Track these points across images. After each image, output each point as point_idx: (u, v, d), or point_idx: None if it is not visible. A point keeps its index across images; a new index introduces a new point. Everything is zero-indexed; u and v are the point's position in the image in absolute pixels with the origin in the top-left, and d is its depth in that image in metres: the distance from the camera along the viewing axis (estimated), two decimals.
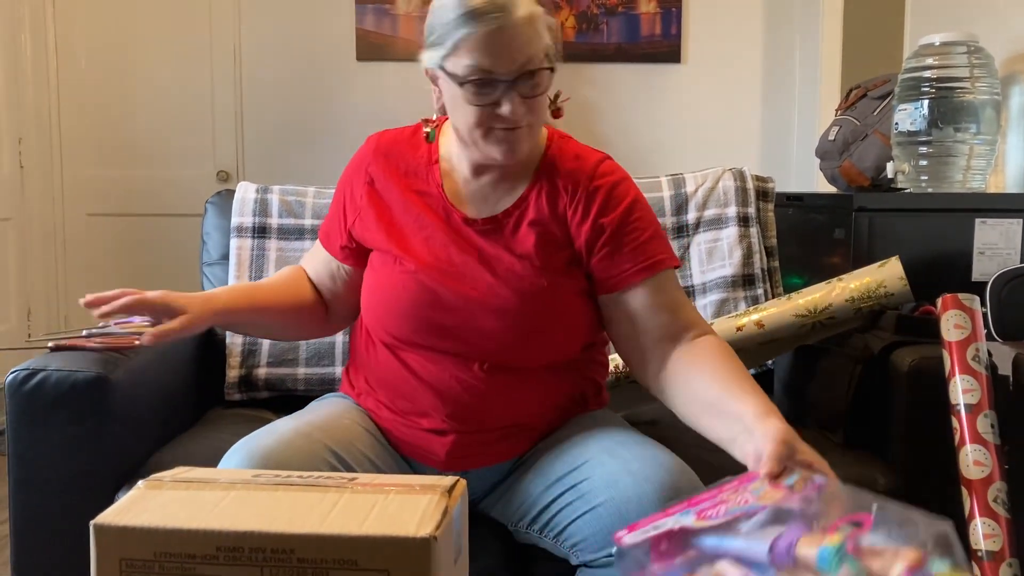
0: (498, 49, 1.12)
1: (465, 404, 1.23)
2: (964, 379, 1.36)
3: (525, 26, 1.13)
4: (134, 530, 0.73)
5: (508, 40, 1.12)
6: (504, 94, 1.15)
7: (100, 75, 4.01)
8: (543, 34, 1.17)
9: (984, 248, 1.93)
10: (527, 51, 1.14)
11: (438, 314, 1.22)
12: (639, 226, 1.26)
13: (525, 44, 1.14)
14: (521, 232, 1.26)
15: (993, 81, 2.07)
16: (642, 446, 1.17)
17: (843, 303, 1.59)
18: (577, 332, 1.27)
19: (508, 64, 1.13)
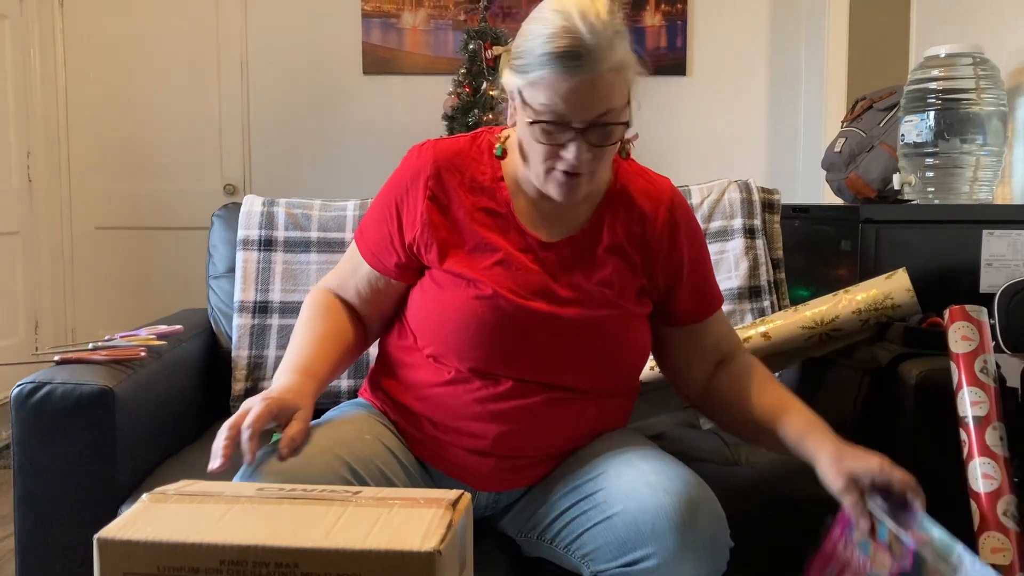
0: (576, 98, 1.09)
1: (515, 431, 1.19)
2: (972, 391, 1.35)
3: (610, 76, 1.09)
4: (138, 544, 0.73)
5: (589, 90, 1.09)
6: (573, 140, 1.12)
7: (108, 89, 4.03)
8: (627, 83, 1.14)
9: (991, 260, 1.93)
10: (606, 103, 1.11)
11: (513, 342, 1.19)
12: (704, 263, 1.32)
13: (605, 96, 1.10)
14: (599, 257, 1.23)
15: (999, 92, 2.07)
16: (660, 459, 1.16)
17: (850, 315, 1.58)
18: (640, 359, 1.29)
19: (584, 113, 1.10)
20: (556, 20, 1.09)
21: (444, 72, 3.76)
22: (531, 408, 1.19)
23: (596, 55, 1.07)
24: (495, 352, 1.19)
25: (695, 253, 1.29)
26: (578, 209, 1.25)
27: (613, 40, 1.09)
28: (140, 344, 1.59)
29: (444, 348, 1.21)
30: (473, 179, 1.25)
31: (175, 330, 1.74)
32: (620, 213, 1.25)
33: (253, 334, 1.79)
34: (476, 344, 1.19)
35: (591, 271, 1.22)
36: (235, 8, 3.99)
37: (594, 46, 1.07)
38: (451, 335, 1.20)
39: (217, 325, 1.88)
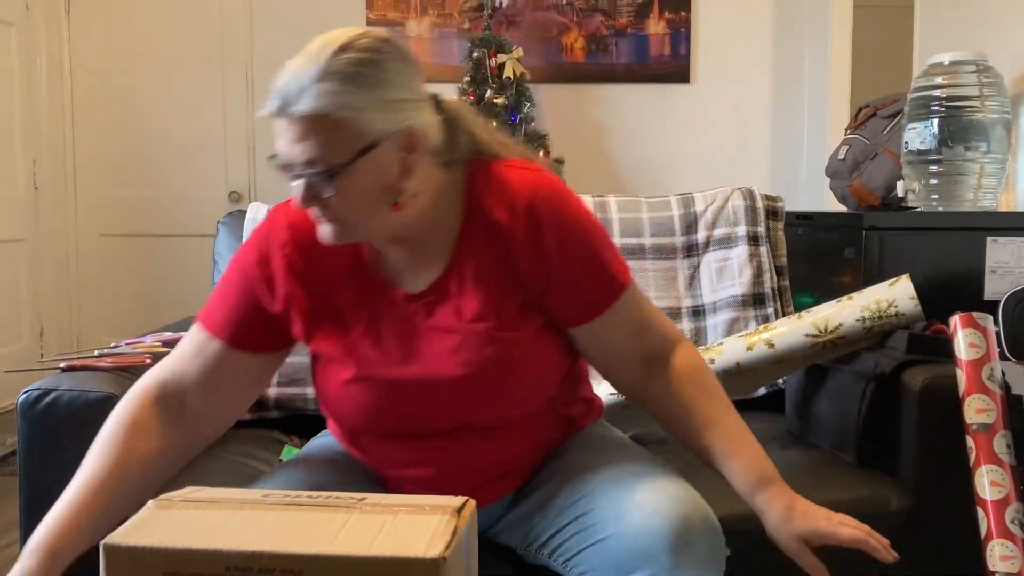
0: (282, 140, 1.04)
1: (448, 471, 1.17)
2: (979, 398, 1.35)
3: (303, 123, 1.01)
4: (144, 550, 0.73)
5: (289, 132, 1.03)
6: (297, 183, 1.05)
7: (114, 97, 4.05)
8: (341, 130, 1.01)
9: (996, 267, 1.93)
10: (305, 153, 1.02)
11: (402, 409, 1.14)
12: (586, 260, 1.15)
13: (301, 143, 1.02)
14: (467, 292, 1.14)
15: (1003, 100, 2.07)
16: (650, 474, 1.13)
17: (853, 323, 1.58)
18: (548, 374, 1.19)
19: (289, 158, 1.04)
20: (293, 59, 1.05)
21: (449, 80, 3.77)
22: (454, 451, 1.16)
23: (288, 97, 1.01)
24: (387, 421, 1.15)
25: (568, 249, 1.13)
26: (436, 248, 1.15)
27: (316, 86, 1.00)
28: (145, 351, 1.59)
29: (340, 425, 1.21)
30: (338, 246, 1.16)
31: (180, 337, 1.74)
32: (480, 235, 1.14)
33: None
34: (364, 421, 1.16)
35: (463, 309, 1.13)
36: (240, 16, 4.01)
37: (285, 87, 1.02)
38: (337, 415, 1.18)
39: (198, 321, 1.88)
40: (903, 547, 1.44)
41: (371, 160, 1.03)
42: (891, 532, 1.43)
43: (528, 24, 3.97)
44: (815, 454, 1.61)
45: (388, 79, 1.03)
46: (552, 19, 3.97)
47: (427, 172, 1.10)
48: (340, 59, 1.02)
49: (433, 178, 1.12)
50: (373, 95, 1.02)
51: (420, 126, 1.07)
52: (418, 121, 1.07)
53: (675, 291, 1.91)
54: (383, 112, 1.03)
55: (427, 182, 1.11)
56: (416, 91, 1.08)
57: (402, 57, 1.06)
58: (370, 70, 1.02)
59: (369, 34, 1.05)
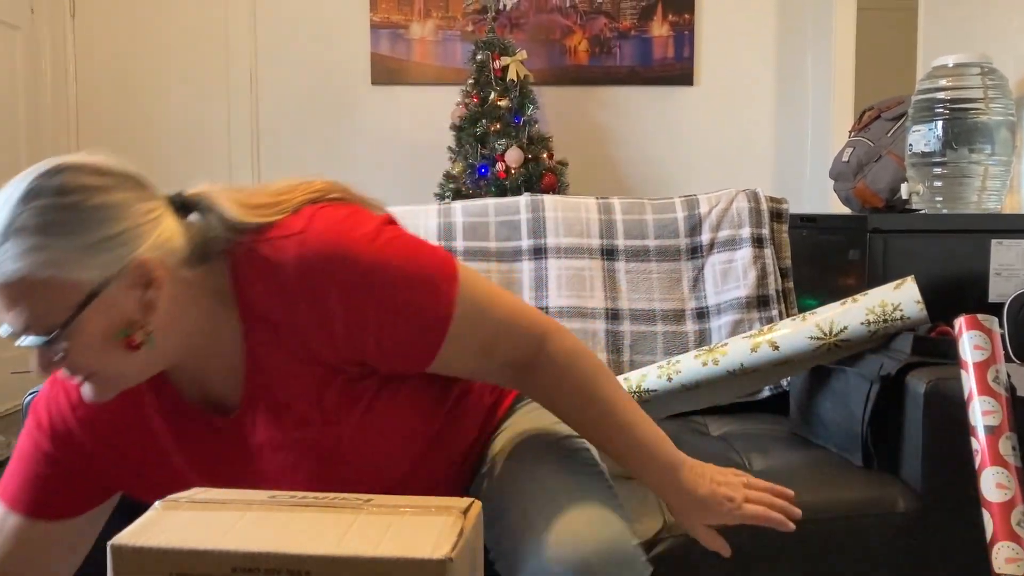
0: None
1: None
2: (985, 400, 1.35)
3: (7, 291, 0.88)
4: (151, 551, 0.74)
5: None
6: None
7: (118, 100, 4.06)
8: (45, 292, 0.87)
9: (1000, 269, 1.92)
10: (18, 319, 0.89)
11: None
12: (389, 300, 0.95)
13: (10, 311, 0.89)
14: (278, 399, 0.99)
15: (1007, 102, 2.07)
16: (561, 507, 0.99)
17: (858, 326, 1.58)
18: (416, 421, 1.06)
19: (4, 326, 0.90)
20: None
21: (452, 83, 3.78)
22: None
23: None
24: None
25: (362, 310, 0.94)
26: (223, 363, 1.00)
27: (5, 246, 0.87)
28: None
29: None
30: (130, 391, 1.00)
31: None
32: (264, 335, 0.98)
33: None
34: None
35: (282, 420, 1.00)
36: (244, 19, 4.02)
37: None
38: None
39: None
40: (908, 549, 1.44)
41: (97, 309, 0.89)
42: (896, 534, 1.43)
43: (532, 26, 3.97)
44: (820, 456, 1.61)
45: (89, 218, 0.89)
46: (556, 21, 3.98)
47: (177, 292, 0.94)
48: (25, 211, 0.87)
49: (188, 293, 0.95)
50: (75, 241, 0.88)
51: (152, 252, 0.91)
52: (146, 247, 0.91)
53: (679, 293, 1.91)
54: (94, 256, 0.88)
55: (181, 304, 0.95)
56: (135, 214, 0.92)
57: (104, 186, 0.91)
58: (63, 215, 0.88)
59: (62, 168, 0.91)
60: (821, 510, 1.41)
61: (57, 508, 1.05)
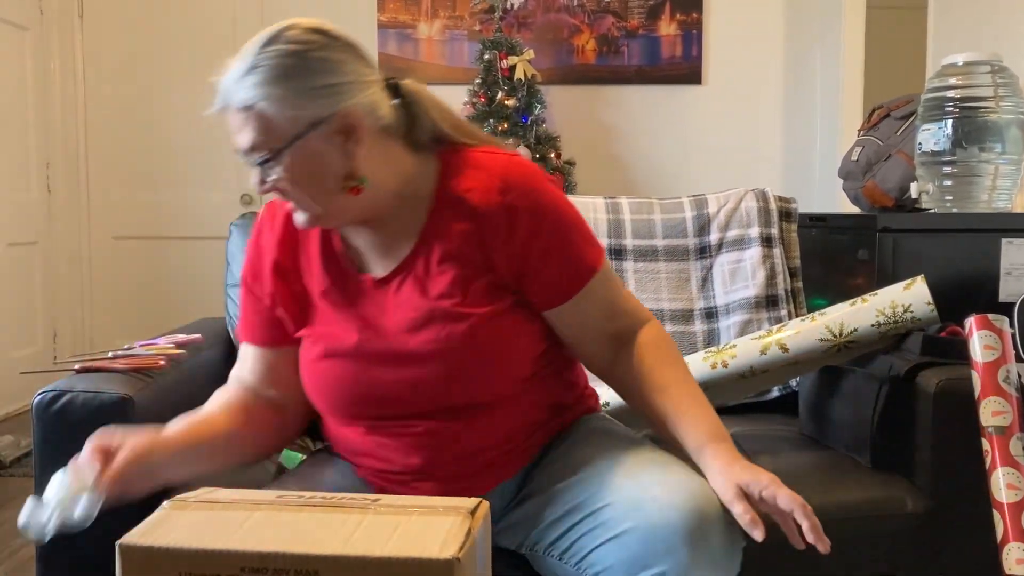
0: (232, 130, 1.12)
1: (432, 457, 1.18)
2: (995, 401, 1.34)
3: (240, 115, 1.11)
4: (159, 550, 0.74)
5: (231, 125, 1.12)
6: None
7: (127, 101, 4.07)
8: (271, 120, 1.09)
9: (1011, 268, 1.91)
10: (245, 141, 1.11)
11: (373, 390, 1.17)
12: (558, 244, 1.17)
13: (242, 131, 1.11)
14: (434, 271, 1.17)
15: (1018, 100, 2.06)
16: (661, 468, 1.13)
17: (868, 327, 1.57)
18: (517, 353, 1.20)
19: (237, 145, 1.12)
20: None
21: (459, 82, 3.78)
22: (430, 437, 1.17)
23: (227, 93, 1.12)
24: (358, 400, 1.18)
25: (540, 234, 1.16)
26: (404, 231, 1.19)
27: (247, 78, 1.10)
28: (159, 353, 1.60)
29: (321, 407, 1.24)
30: (305, 234, 1.25)
31: (194, 339, 1.75)
32: (448, 217, 1.17)
33: None
34: (337, 399, 1.19)
35: (428, 288, 1.16)
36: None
37: (228, 81, 1.12)
38: (316, 397, 1.22)
39: (234, 334, 1.89)
40: (918, 550, 1.43)
41: (306, 145, 1.09)
42: (906, 535, 1.43)
43: (539, 26, 3.97)
44: (829, 456, 1.60)
45: (314, 67, 1.09)
46: (563, 21, 3.98)
47: (386, 154, 1.15)
48: (265, 53, 1.10)
49: (398, 161, 1.16)
50: (297, 84, 1.08)
51: (358, 109, 1.10)
52: (355, 104, 1.10)
53: (688, 293, 1.91)
54: (310, 100, 1.08)
55: (389, 165, 1.15)
56: (353, 74, 1.11)
57: (333, 44, 1.11)
58: (293, 60, 1.09)
59: (298, 25, 1.12)
60: (830, 510, 1.41)
61: (277, 339, 1.24)
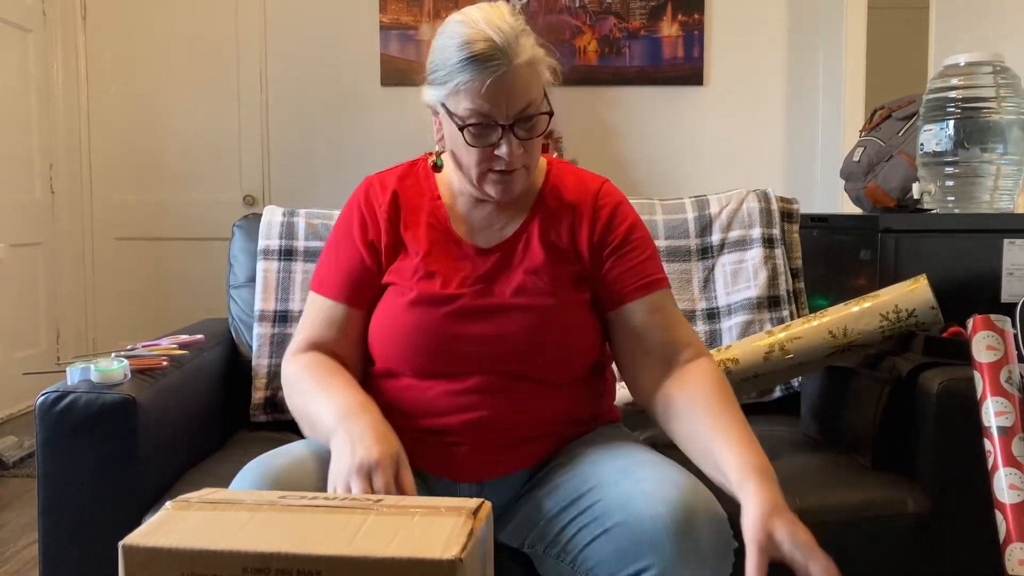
0: (498, 95, 1.16)
1: (478, 418, 1.22)
2: (997, 401, 1.34)
3: (526, 71, 1.17)
4: (162, 551, 0.74)
5: (509, 86, 1.16)
6: (502, 137, 1.19)
7: (130, 102, 4.08)
8: (542, 75, 1.22)
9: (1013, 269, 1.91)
10: (527, 96, 1.18)
11: (454, 344, 1.24)
12: (640, 245, 1.32)
13: (524, 89, 1.18)
14: (532, 250, 1.29)
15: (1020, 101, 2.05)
16: (656, 466, 1.15)
17: (871, 328, 1.57)
18: (586, 346, 1.29)
19: (508, 109, 1.17)
20: (464, 29, 1.17)
21: None
22: (487, 397, 1.22)
23: (508, 53, 1.15)
24: (435, 354, 1.24)
25: (627, 229, 1.31)
26: (512, 214, 1.32)
27: (520, 37, 1.17)
28: (162, 353, 1.60)
29: (392, 357, 1.27)
30: (416, 199, 1.33)
31: (196, 339, 1.75)
32: (551, 209, 1.32)
33: (273, 343, 1.81)
34: (411, 348, 1.24)
35: (525, 262, 1.28)
36: (255, 21, 4.03)
37: (504, 44, 1.15)
38: (392, 343, 1.26)
39: (237, 334, 1.89)
40: (921, 551, 1.43)
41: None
42: (908, 535, 1.43)
43: (541, 27, 3.97)
44: (831, 457, 1.60)
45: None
46: (565, 22, 3.98)
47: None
48: (520, 19, 1.21)
49: None
50: (540, 47, 1.22)
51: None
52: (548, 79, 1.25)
53: (689, 294, 1.91)
54: (547, 68, 1.23)
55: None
56: None
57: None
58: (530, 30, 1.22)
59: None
60: (832, 511, 1.41)
61: (363, 301, 1.30)
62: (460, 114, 1.19)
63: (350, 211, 1.35)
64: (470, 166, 1.23)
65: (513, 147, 1.19)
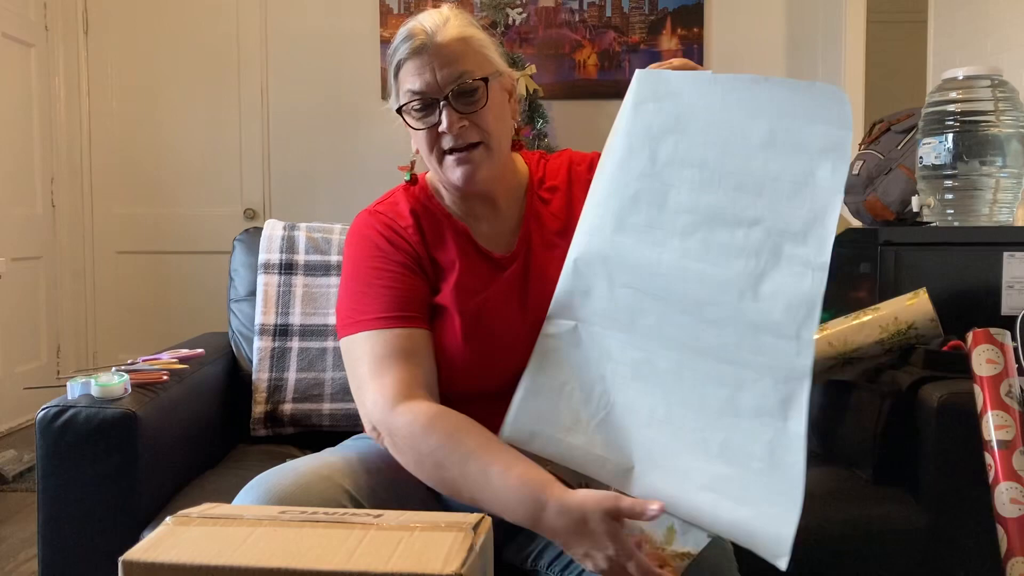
0: (425, 67, 1.17)
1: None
2: (997, 415, 1.34)
3: (454, 44, 1.18)
4: (162, 566, 0.74)
5: (435, 58, 1.17)
6: (442, 111, 1.17)
7: (131, 116, 4.09)
8: (482, 54, 1.21)
9: (1013, 282, 1.91)
10: (457, 66, 1.17)
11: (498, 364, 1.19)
12: None
13: (455, 60, 1.17)
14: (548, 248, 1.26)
15: (1018, 114, 2.06)
16: None
17: (871, 342, 1.57)
18: None
19: (439, 81, 1.17)
20: (401, 28, 1.21)
21: None
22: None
23: (434, 31, 1.17)
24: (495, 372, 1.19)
25: None
26: (508, 207, 1.30)
27: (451, 20, 1.19)
28: (162, 368, 1.60)
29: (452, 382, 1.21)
30: (430, 218, 1.28)
31: (197, 353, 1.75)
32: (543, 199, 1.31)
33: (274, 357, 1.81)
34: (475, 373, 1.19)
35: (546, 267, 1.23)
36: (256, 35, 4.05)
37: (432, 25, 1.18)
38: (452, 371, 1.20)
39: (238, 348, 1.89)
40: (921, 565, 1.43)
41: (497, 84, 1.22)
42: (909, 550, 1.42)
43: (541, 41, 3.99)
44: (831, 471, 1.60)
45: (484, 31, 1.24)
46: (565, 36, 3.99)
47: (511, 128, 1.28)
48: (456, 10, 1.22)
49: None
50: (486, 35, 1.23)
51: (512, 78, 1.27)
52: (510, 73, 1.27)
53: None
54: (495, 52, 1.23)
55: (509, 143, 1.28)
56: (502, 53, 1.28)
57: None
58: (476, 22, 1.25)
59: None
60: (832, 525, 1.41)
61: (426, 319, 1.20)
62: (402, 102, 1.20)
63: (367, 243, 1.24)
64: (427, 153, 1.22)
65: (453, 119, 1.17)
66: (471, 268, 1.25)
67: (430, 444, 1.07)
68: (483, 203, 1.29)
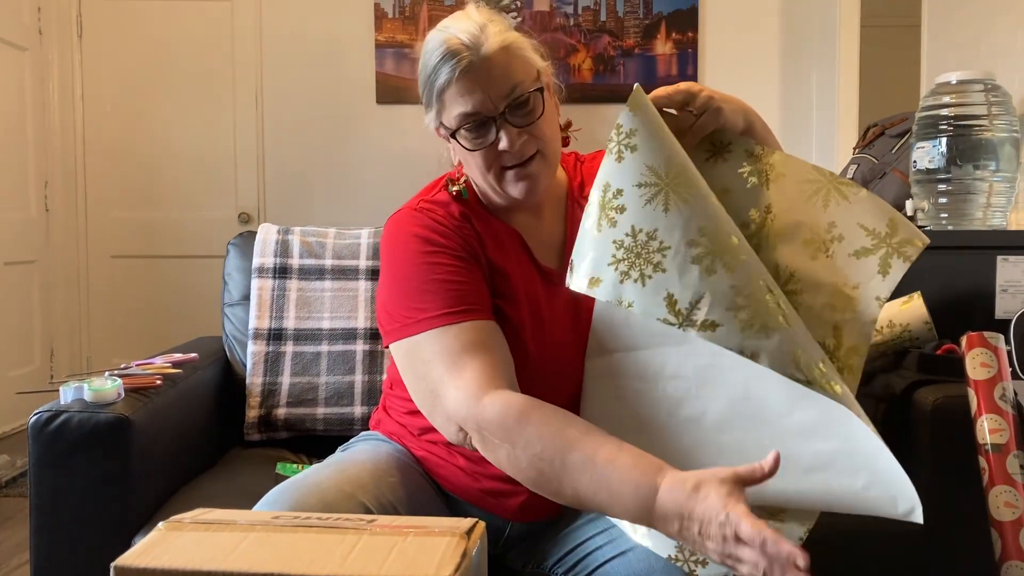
0: (475, 86, 1.10)
1: None
2: (991, 418, 1.34)
3: (500, 55, 1.11)
4: (154, 572, 0.73)
5: (484, 75, 1.10)
6: (499, 129, 1.11)
7: (125, 120, 4.09)
8: (526, 58, 1.15)
9: (1007, 285, 1.92)
10: (509, 80, 1.11)
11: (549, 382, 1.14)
12: None
13: (504, 74, 1.11)
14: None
15: (1011, 119, 2.07)
16: None
17: None
18: None
19: (493, 98, 1.10)
20: (435, 42, 1.13)
21: None
22: None
23: (476, 43, 1.10)
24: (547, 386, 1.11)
25: None
26: (552, 215, 1.25)
27: (487, 27, 1.12)
28: (156, 372, 1.60)
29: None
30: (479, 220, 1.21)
31: (190, 358, 1.75)
32: (578, 204, 1.25)
33: (268, 361, 1.80)
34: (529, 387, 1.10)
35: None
36: (251, 39, 4.05)
37: (470, 38, 1.10)
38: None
39: (232, 353, 1.89)
40: (915, 569, 1.43)
41: (546, 89, 1.17)
42: (903, 554, 1.42)
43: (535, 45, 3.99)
44: None
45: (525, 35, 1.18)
46: (560, 40, 4.00)
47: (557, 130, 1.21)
48: (484, 10, 1.15)
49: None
50: (518, 33, 1.16)
51: (550, 72, 1.21)
52: (548, 66, 1.21)
53: None
54: (531, 50, 1.17)
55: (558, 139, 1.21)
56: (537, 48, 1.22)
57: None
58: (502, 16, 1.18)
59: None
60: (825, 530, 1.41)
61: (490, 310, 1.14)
62: (452, 124, 1.13)
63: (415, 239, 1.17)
64: (483, 173, 1.15)
65: (513, 136, 1.11)
66: (528, 277, 1.19)
67: (526, 435, 0.98)
68: (529, 212, 1.23)
